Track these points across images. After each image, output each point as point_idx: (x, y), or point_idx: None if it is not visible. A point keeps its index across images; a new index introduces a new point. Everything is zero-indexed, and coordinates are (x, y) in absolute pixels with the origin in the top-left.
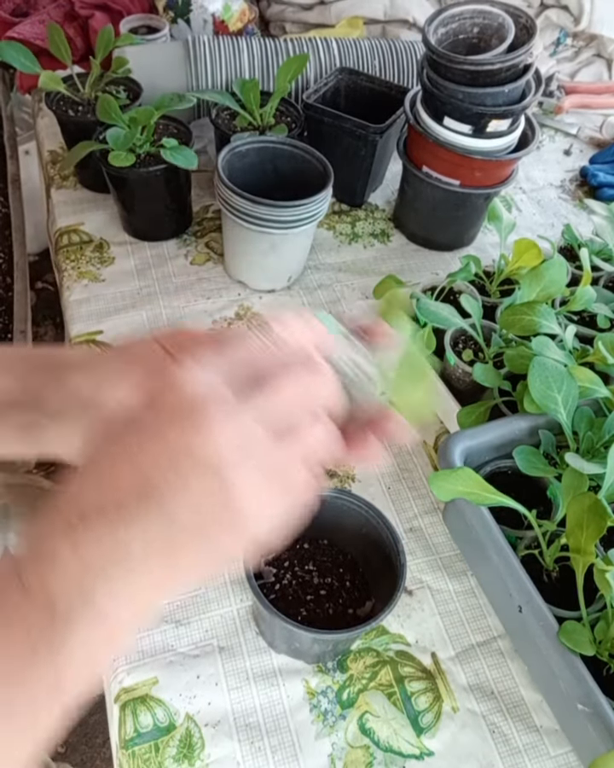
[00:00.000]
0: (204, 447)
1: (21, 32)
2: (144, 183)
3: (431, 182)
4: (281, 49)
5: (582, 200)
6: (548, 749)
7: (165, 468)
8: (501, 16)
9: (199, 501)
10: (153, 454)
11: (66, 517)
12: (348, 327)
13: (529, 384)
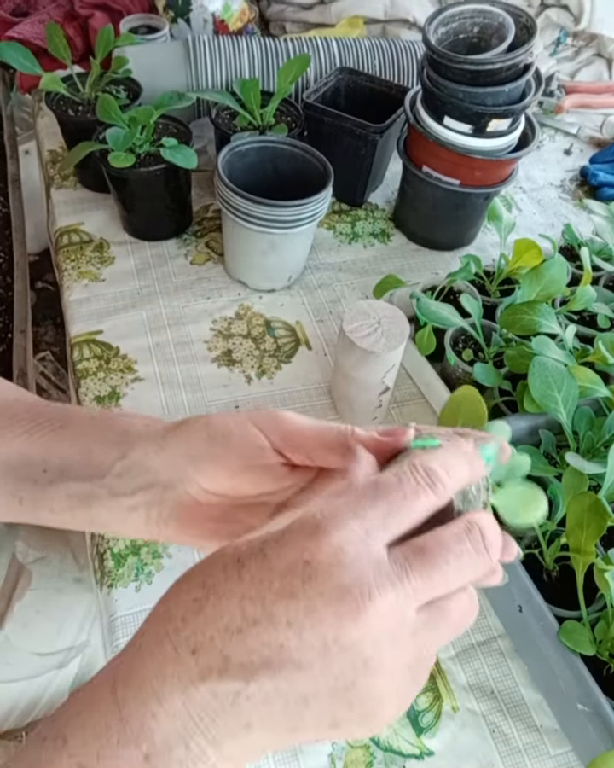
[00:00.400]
0: (357, 635)
1: (21, 31)
2: (144, 182)
3: (431, 181)
4: (281, 48)
5: (582, 199)
6: (548, 749)
7: (307, 643)
8: (501, 16)
9: (335, 690)
10: (298, 624)
11: (174, 644)
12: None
13: (529, 384)
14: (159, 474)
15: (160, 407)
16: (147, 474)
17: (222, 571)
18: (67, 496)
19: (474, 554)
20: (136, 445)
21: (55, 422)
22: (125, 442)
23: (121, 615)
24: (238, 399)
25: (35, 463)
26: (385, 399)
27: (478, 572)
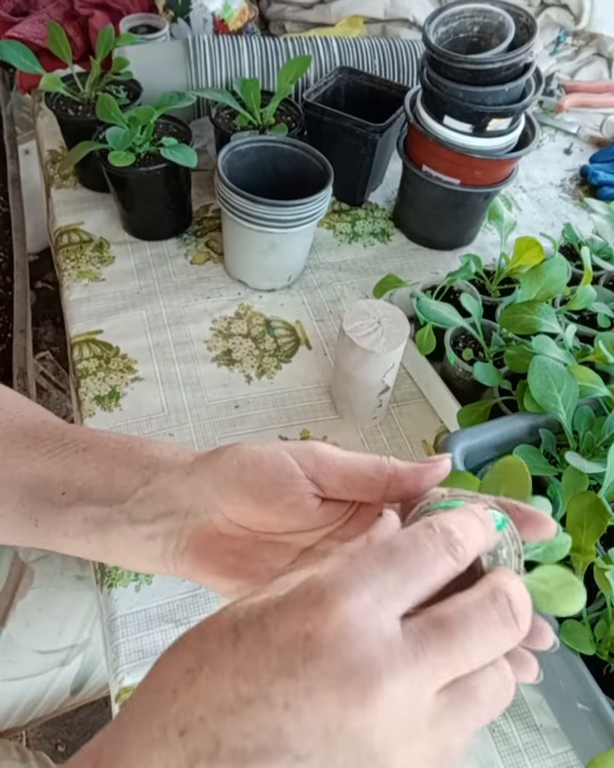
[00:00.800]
0: (364, 724)
1: (21, 31)
2: (144, 182)
3: (431, 181)
4: (281, 48)
5: (582, 199)
6: (548, 748)
7: (307, 730)
8: (501, 15)
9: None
10: (296, 707)
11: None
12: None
13: (529, 383)
14: (182, 500)
15: (160, 407)
16: (170, 500)
17: (217, 639)
18: (84, 519)
19: (501, 625)
20: (161, 472)
21: (80, 444)
22: (151, 468)
23: (121, 615)
24: (238, 399)
25: (54, 485)
26: (385, 399)
27: (506, 645)
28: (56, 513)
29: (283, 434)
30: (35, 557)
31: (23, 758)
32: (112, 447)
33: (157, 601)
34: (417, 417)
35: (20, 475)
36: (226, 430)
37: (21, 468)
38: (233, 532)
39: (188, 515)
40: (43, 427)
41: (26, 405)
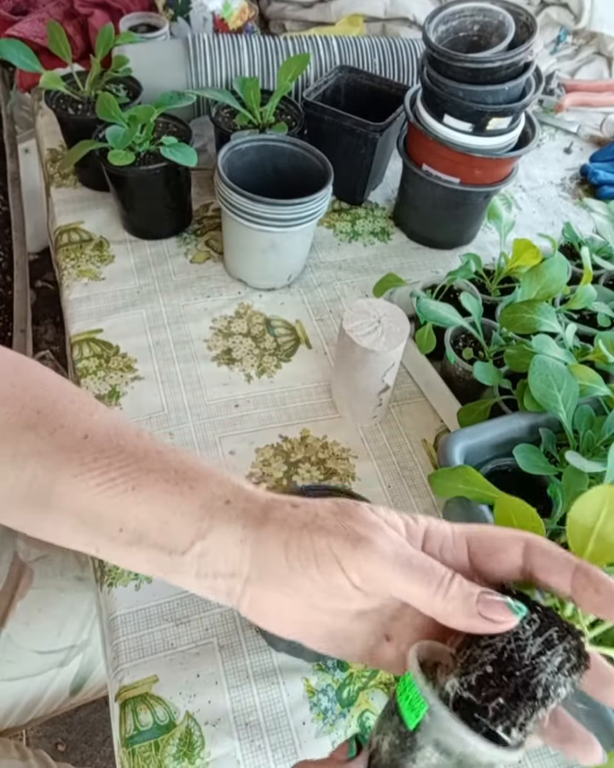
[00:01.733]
0: None
1: (21, 30)
2: (144, 181)
3: (431, 180)
4: (281, 47)
5: (582, 198)
6: (548, 748)
7: None
8: (501, 14)
9: None
10: None
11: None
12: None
13: (529, 382)
14: (241, 566)
15: (160, 406)
16: (228, 562)
17: None
18: (147, 561)
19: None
20: (214, 527)
21: (129, 480)
22: (204, 519)
23: (121, 614)
24: (238, 398)
25: (110, 522)
26: (385, 398)
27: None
28: (116, 548)
29: (283, 433)
30: (35, 557)
31: (22, 756)
32: (161, 488)
33: (157, 600)
34: (417, 416)
35: (70, 506)
36: (226, 429)
37: (70, 498)
38: (291, 604)
39: (246, 582)
40: (85, 448)
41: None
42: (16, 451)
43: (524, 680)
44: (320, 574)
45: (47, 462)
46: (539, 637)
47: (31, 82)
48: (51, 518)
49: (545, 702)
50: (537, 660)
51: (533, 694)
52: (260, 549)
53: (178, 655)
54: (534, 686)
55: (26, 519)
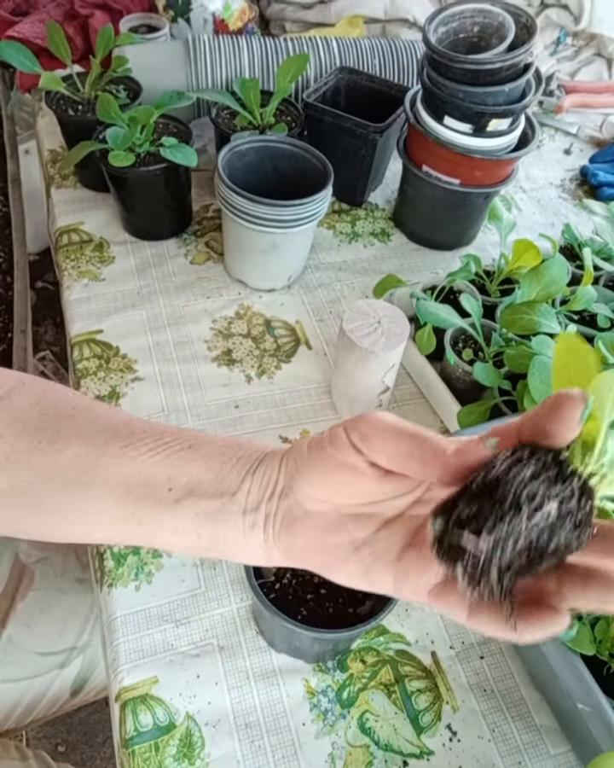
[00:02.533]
0: None
1: (21, 30)
2: (144, 182)
3: (431, 181)
4: (281, 48)
5: (582, 199)
6: (548, 748)
7: None
8: (501, 15)
9: None
10: None
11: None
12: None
13: (529, 383)
14: (277, 484)
15: (160, 407)
16: (269, 485)
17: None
18: (195, 514)
19: None
20: (264, 460)
21: (184, 442)
22: (257, 459)
23: (121, 615)
24: (238, 399)
25: (159, 483)
26: (385, 399)
27: None
28: (163, 510)
29: (283, 434)
30: (35, 559)
31: (22, 757)
32: (220, 444)
33: (157, 600)
34: (417, 417)
35: (119, 475)
36: (226, 430)
37: (119, 467)
38: (317, 509)
39: (281, 497)
40: (133, 425)
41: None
42: (56, 437)
43: (490, 489)
44: (330, 445)
45: (91, 440)
46: (510, 458)
47: (32, 83)
48: (91, 497)
49: (518, 509)
50: (503, 474)
51: (500, 499)
52: (292, 454)
53: (178, 656)
54: (500, 494)
55: (59, 507)
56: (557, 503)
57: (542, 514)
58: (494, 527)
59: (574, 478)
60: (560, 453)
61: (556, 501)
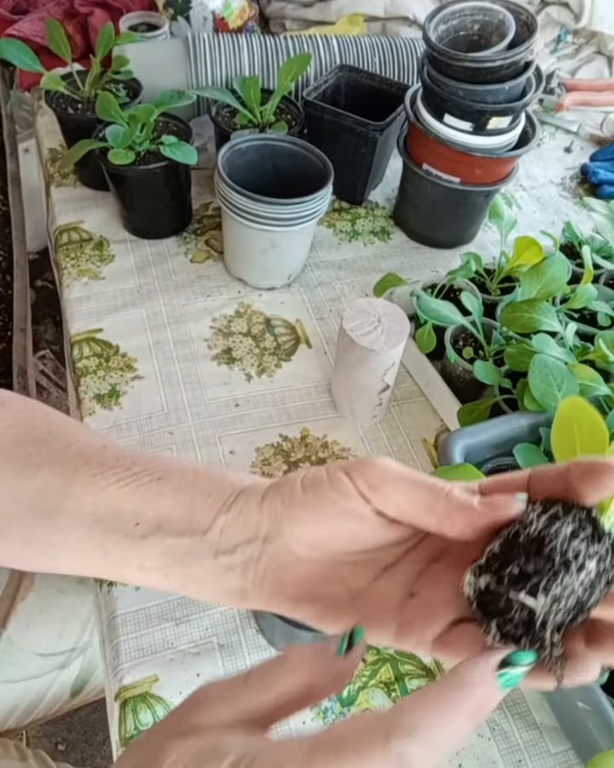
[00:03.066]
0: None
1: (21, 29)
2: (144, 180)
3: (432, 179)
4: (281, 46)
5: (582, 197)
6: (548, 747)
7: None
8: (501, 13)
9: None
10: None
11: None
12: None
13: (529, 381)
14: (259, 526)
15: (160, 405)
16: (248, 527)
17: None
18: (162, 553)
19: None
20: (240, 498)
21: (154, 473)
22: (230, 495)
23: (121, 614)
24: (238, 398)
25: (126, 515)
26: (386, 398)
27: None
28: (129, 544)
29: (283, 433)
30: None
31: (22, 756)
32: (192, 476)
33: (156, 599)
34: (417, 416)
35: (88, 505)
36: (226, 428)
37: (88, 497)
38: (310, 556)
39: (265, 541)
40: (106, 453)
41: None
42: (26, 463)
43: (537, 547)
44: (332, 489)
45: (62, 468)
46: (544, 514)
47: (32, 81)
48: (59, 526)
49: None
50: (546, 532)
51: (549, 556)
52: (278, 494)
53: (178, 655)
54: (548, 552)
55: (27, 537)
56: (596, 562)
57: (586, 572)
58: (549, 586)
59: (608, 536)
60: (592, 510)
61: (595, 559)
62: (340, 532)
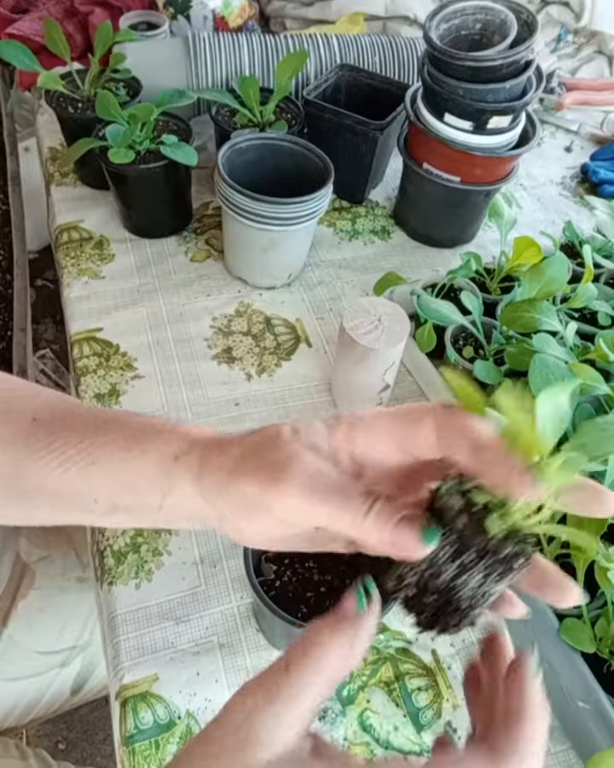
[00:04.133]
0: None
1: (20, 28)
2: (144, 179)
3: (432, 178)
4: (282, 45)
5: (582, 196)
6: (548, 746)
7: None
8: (502, 12)
9: None
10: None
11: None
12: None
13: (529, 381)
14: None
15: (160, 404)
16: (194, 511)
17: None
18: (129, 520)
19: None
20: (173, 485)
21: (86, 457)
22: (163, 479)
23: (121, 613)
24: (238, 397)
25: (83, 495)
26: (386, 397)
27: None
28: (97, 518)
29: None
30: (37, 558)
31: (22, 755)
32: (118, 458)
33: (157, 598)
34: None
35: (44, 489)
36: (226, 427)
37: (42, 482)
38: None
39: (219, 520)
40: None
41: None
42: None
43: (445, 599)
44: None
45: (10, 449)
46: (453, 562)
47: (32, 81)
48: (30, 502)
49: (475, 605)
50: (454, 583)
51: (457, 607)
52: (208, 500)
53: (178, 654)
54: (456, 601)
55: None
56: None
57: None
58: (458, 625)
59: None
60: (499, 554)
61: (503, 584)
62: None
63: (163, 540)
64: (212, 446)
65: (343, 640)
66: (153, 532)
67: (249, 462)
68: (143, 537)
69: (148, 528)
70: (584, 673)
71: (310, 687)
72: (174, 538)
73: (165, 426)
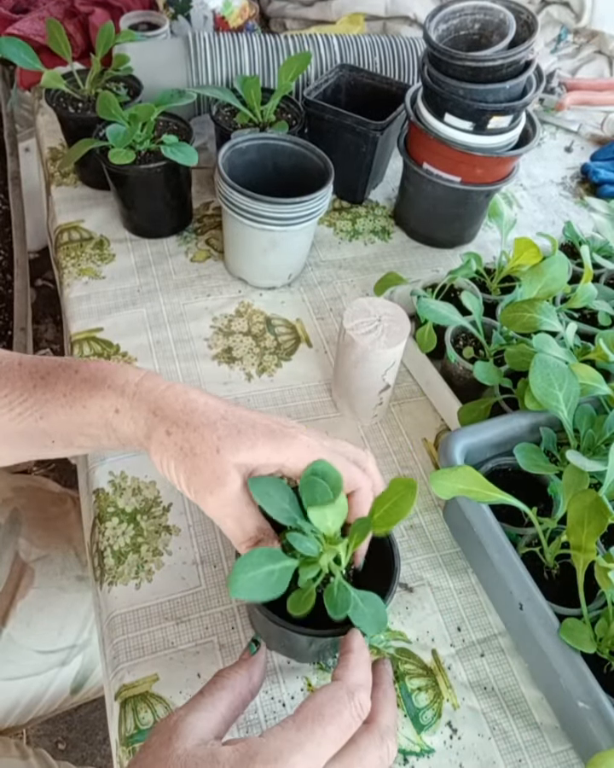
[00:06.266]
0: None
1: (21, 28)
2: (144, 180)
3: (432, 179)
4: (282, 45)
5: (583, 197)
6: (549, 746)
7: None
8: (502, 12)
9: None
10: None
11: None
12: None
13: (530, 381)
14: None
15: None
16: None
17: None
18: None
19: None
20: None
21: (33, 414)
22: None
23: (121, 613)
24: (238, 397)
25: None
26: (386, 397)
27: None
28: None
29: None
30: (36, 557)
31: (23, 755)
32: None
33: (157, 598)
34: (418, 415)
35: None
36: None
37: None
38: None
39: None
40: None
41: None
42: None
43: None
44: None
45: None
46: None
47: (32, 80)
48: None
49: None
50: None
51: None
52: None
53: (178, 654)
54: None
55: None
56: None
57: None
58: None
59: None
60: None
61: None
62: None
63: (163, 540)
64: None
65: (243, 671)
66: (153, 532)
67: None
68: (143, 537)
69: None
70: (584, 673)
71: (222, 701)
72: (174, 537)
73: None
